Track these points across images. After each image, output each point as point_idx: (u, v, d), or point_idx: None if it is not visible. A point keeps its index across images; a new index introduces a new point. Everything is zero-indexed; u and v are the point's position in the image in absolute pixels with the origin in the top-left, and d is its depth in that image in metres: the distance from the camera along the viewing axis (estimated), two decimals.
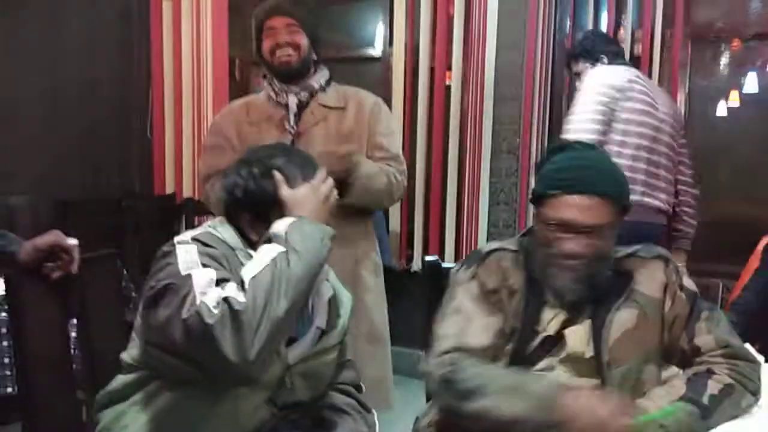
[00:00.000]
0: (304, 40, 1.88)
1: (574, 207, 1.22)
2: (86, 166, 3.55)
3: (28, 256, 1.34)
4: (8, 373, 1.72)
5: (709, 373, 1.20)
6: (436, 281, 1.54)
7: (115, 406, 1.20)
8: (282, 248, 1.09)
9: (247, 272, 1.06)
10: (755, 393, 1.20)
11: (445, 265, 1.59)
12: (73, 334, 1.55)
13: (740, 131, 3.05)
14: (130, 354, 1.20)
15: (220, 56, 3.53)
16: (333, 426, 1.30)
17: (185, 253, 1.11)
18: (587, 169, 1.25)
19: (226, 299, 1.01)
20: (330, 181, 1.26)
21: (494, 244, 1.39)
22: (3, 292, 1.76)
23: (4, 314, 1.71)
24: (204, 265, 1.09)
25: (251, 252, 1.18)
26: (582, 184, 1.23)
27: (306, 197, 1.19)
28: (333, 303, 1.31)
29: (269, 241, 1.12)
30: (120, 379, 1.21)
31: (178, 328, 1.02)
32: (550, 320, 1.27)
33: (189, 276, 1.06)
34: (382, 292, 2.01)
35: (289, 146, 1.38)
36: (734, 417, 1.17)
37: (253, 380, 1.11)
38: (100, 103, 3.63)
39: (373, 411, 1.39)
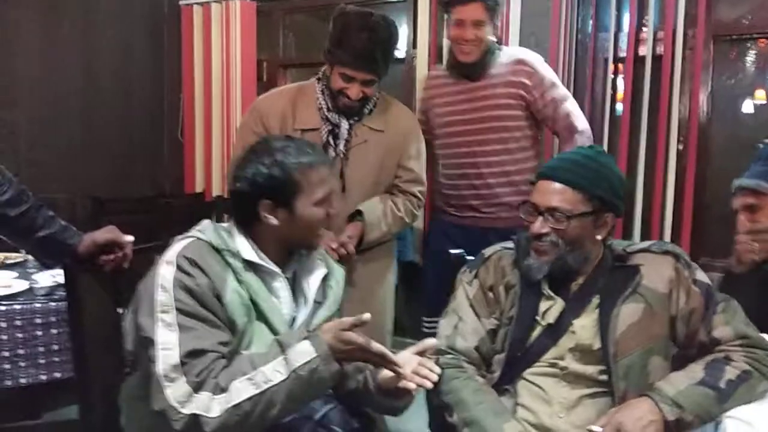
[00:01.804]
0: (372, 92, 1.92)
1: (541, 191, 1.36)
2: (119, 165, 3.67)
3: (86, 249, 1.44)
4: (56, 359, 1.82)
5: (727, 359, 1.26)
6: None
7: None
8: (282, 377, 1.10)
9: (234, 391, 1.09)
10: None
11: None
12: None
13: (766, 126, 3.06)
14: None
15: (249, 59, 3.63)
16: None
17: (162, 292, 1.15)
18: (565, 162, 1.37)
19: (196, 416, 1.07)
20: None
21: (497, 246, 1.50)
22: (53, 283, 1.89)
23: (53, 303, 1.82)
24: (180, 326, 1.12)
25: (243, 252, 1.23)
26: (552, 172, 1.36)
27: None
28: (326, 277, 1.38)
29: (280, 345, 1.14)
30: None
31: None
32: (547, 310, 1.35)
33: (153, 345, 1.12)
34: (392, 287, 2.15)
35: (294, 136, 1.44)
36: (750, 402, 1.21)
37: None
38: (133, 105, 3.75)
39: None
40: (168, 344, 1.12)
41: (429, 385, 1.20)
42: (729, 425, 1.17)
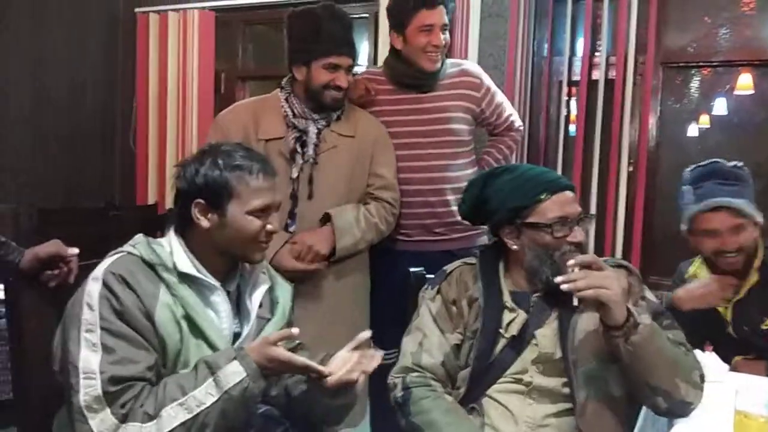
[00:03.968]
0: (352, 80, 1.94)
1: (565, 202, 1.36)
2: (68, 175, 3.55)
3: (29, 265, 1.38)
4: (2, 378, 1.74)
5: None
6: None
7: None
8: (213, 399, 1.10)
9: (166, 418, 1.07)
10: (703, 380, 1.31)
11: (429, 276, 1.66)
12: None
13: (710, 150, 3.19)
14: None
15: (206, 70, 3.58)
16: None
17: (88, 310, 1.12)
18: (550, 173, 1.42)
19: None
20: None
21: (458, 262, 1.51)
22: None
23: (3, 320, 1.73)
24: (103, 347, 1.09)
25: (180, 264, 1.20)
26: (559, 182, 1.38)
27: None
28: (272, 291, 1.37)
29: (209, 367, 1.12)
30: None
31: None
32: (510, 322, 1.37)
33: (76, 372, 1.09)
34: (367, 302, 2.08)
35: (247, 145, 1.39)
36: (677, 375, 1.27)
37: None
38: (83, 113, 3.65)
39: None
40: (90, 372, 1.08)
41: (370, 369, 1.21)
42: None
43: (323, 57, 1.85)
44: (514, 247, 1.40)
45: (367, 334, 1.27)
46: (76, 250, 1.41)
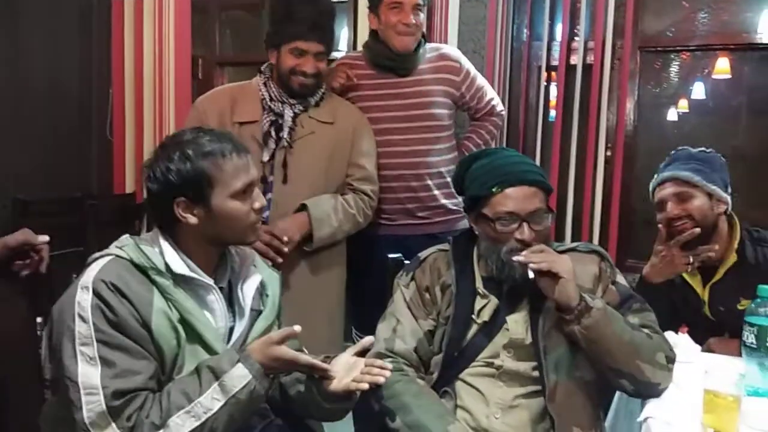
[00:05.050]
0: (324, 66, 1.90)
1: (517, 197, 1.34)
2: (44, 164, 3.49)
3: None
4: None
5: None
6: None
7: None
8: (220, 404, 1.09)
9: (174, 427, 1.06)
10: (670, 361, 1.33)
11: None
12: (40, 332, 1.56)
13: (688, 134, 3.23)
14: None
15: (183, 55, 3.52)
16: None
17: (81, 322, 1.08)
18: (515, 165, 1.38)
19: None
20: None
21: (432, 248, 1.51)
22: None
23: None
24: (102, 360, 1.06)
25: (173, 265, 1.16)
26: (515, 177, 1.35)
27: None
28: (261, 283, 1.34)
29: (213, 372, 1.11)
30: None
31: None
32: (482, 308, 1.38)
33: (76, 387, 1.05)
34: (342, 294, 2.07)
35: (207, 127, 1.32)
36: (645, 360, 1.29)
37: None
38: (59, 101, 3.57)
39: None
40: (92, 388, 1.05)
41: (382, 380, 1.19)
42: (652, 425, 1.22)
43: (290, 41, 1.84)
44: (477, 233, 1.42)
45: (369, 339, 1.26)
46: (46, 238, 1.39)
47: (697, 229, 1.70)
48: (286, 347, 1.14)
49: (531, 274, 1.27)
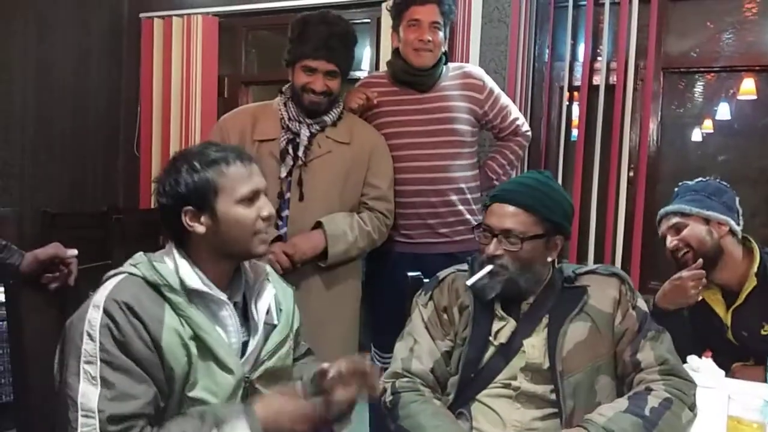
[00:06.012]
0: (336, 86, 1.93)
1: (496, 213, 1.39)
2: (72, 178, 3.58)
3: (29, 268, 1.39)
4: (3, 381, 1.75)
5: (648, 390, 1.29)
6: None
7: None
8: None
9: None
10: (692, 408, 1.28)
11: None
12: None
13: (713, 154, 3.20)
14: None
15: (210, 75, 3.61)
16: None
17: (89, 340, 1.07)
18: (519, 185, 1.41)
19: None
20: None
21: (452, 268, 1.52)
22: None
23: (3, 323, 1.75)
24: (103, 381, 1.05)
25: (188, 280, 1.16)
26: (507, 195, 1.39)
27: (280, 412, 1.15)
28: (275, 298, 1.33)
29: (215, 420, 1.09)
30: None
31: None
32: (499, 330, 1.38)
33: (74, 406, 1.05)
34: (357, 312, 2.07)
35: (215, 142, 1.34)
36: (676, 429, 1.24)
37: None
38: (88, 117, 3.67)
39: None
40: (89, 410, 1.04)
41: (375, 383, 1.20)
42: None
43: (301, 59, 1.90)
44: None
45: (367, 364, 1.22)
46: (74, 252, 1.43)
47: (700, 260, 1.72)
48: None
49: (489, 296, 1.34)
